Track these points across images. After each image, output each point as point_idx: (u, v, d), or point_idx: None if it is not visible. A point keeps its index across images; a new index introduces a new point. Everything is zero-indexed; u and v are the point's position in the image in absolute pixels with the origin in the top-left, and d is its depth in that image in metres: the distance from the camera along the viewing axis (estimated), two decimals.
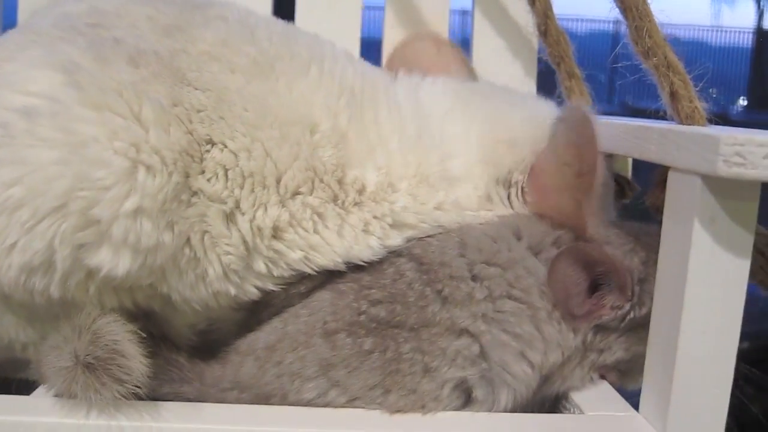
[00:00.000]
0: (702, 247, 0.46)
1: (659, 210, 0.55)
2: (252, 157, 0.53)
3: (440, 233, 0.57)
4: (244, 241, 0.53)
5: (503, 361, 0.52)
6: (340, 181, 0.55)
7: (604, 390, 0.56)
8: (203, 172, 0.52)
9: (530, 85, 0.78)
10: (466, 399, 0.52)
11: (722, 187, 0.45)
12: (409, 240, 0.57)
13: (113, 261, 0.48)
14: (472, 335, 0.52)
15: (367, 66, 0.64)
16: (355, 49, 0.78)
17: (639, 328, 0.55)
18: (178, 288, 0.53)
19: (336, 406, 0.51)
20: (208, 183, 0.52)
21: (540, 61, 0.78)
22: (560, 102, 0.70)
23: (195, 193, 0.52)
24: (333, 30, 0.77)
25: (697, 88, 0.54)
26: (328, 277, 0.57)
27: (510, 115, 0.62)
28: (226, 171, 0.52)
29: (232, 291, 0.54)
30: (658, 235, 0.51)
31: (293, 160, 0.54)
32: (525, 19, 0.75)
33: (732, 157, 0.42)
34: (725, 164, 0.43)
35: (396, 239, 0.56)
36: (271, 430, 0.48)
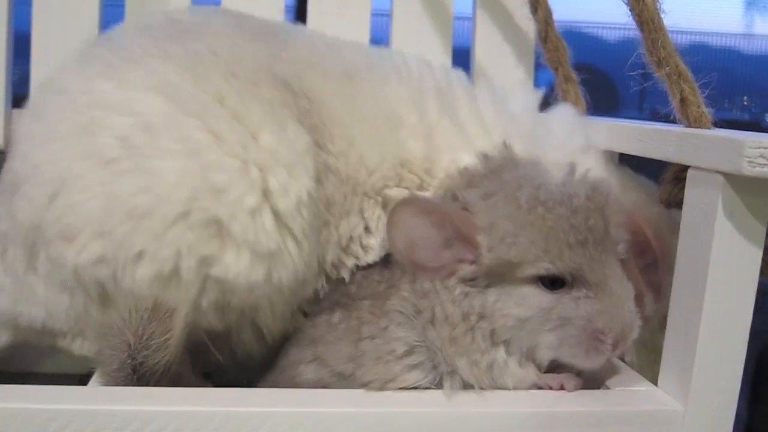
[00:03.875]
0: (723, 238, 0.52)
1: (671, 204, 0.61)
2: (349, 162, 0.56)
3: None
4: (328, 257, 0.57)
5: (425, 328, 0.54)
6: (428, 171, 0.59)
7: (621, 368, 0.61)
8: (319, 176, 0.54)
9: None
10: (430, 371, 0.53)
11: (743, 185, 0.51)
12: None
13: (236, 264, 0.50)
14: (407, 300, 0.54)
15: (446, 67, 0.68)
16: None
17: (509, 286, 0.52)
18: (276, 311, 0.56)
19: (328, 385, 0.55)
20: (322, 188, 0.54)
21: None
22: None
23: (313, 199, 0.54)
24: (342, 36, 0.80)
25: (703, 95, 0.60)
26: None
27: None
28: (329, 174, 0.55)
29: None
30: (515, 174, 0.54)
31: (382, 161, 0.57)
32: (527, 25, 0.80)
33: (757, 158, 0.48)
34: (750, 165, 0.48)
35: None
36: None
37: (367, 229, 0.59)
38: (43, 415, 0.47)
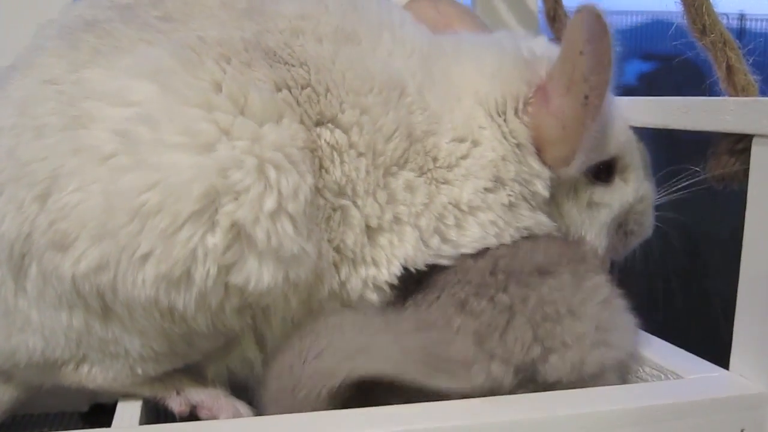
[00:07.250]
0: None
1: (725, 178, 0.58)
2: (363, 131, 0.51)
3: None
4: (358, 242, 0.51)
5: None
6: (425, 150, 0.53)
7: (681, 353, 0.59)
8: (321, 164, 0.50)
9: None
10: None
11: None
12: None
13: (258, 273, 0.46)
14: None
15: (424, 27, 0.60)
16: None
17: None
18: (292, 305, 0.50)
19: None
20: (327, 175, 0.50)
21: None
22: None
23: (320, 191, 0.49)
24: None
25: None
26: None
27: (483, 54, 0.58)
28: (341, 154, 0.50)
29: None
30: None
31: (395, 129, 0.52)
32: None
33: None
34: None
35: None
36: None
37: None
38: None
